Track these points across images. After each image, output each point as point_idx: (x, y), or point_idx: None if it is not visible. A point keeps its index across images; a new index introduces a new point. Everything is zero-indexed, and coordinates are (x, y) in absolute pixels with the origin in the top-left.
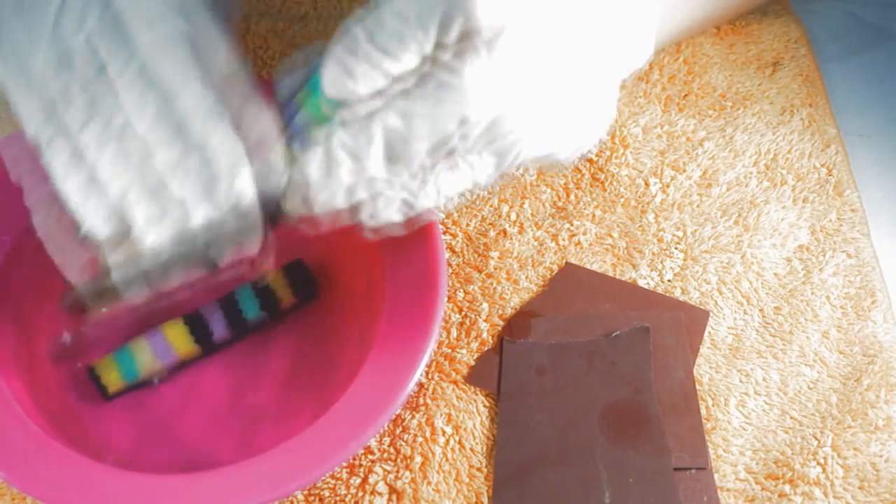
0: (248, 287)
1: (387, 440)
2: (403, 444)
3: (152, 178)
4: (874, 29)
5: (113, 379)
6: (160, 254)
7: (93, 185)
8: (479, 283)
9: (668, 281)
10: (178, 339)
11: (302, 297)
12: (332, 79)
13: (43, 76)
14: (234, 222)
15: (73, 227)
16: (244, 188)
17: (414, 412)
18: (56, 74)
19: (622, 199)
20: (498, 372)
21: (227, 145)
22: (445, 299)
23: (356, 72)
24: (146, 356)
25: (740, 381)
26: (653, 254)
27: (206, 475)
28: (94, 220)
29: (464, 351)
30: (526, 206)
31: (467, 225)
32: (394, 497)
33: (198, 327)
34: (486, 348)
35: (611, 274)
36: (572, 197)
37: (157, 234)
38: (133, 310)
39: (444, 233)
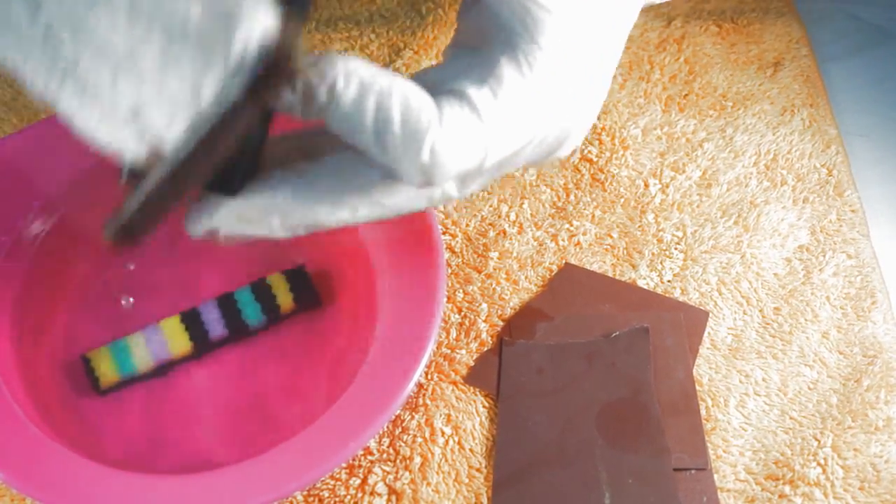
0: (248, 290)
1: (386, 441)
2: (403, 444)
3: (151, 79)
4: (874, 29)
5: (107, 371)
6: (186, 145)
7: (112, 115)
8: (479, 284)
9: (668, 281)
10: (174, 336)
11: (303, 305)
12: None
13: (26, 24)
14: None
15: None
16: (247, 41)
17: (413, 413)
18: (34, 18)
19: (622, 200)
20: (497, 372)
21: (209, 10)
22: (445, 300)
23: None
24: (141, 350)
25: (740, 382)
26: (652, 254)
27: (206, 475)
28: (128, 149)
29: (463, 351)
30: (525, 206)
31: (467, 225)
32: (393, 498)
33: (194, 325)
34: (485, 349)
35: (610, 274)
36: (572, 197)
37: (176, 128)
38: (132, 308)
39: (444, 233)
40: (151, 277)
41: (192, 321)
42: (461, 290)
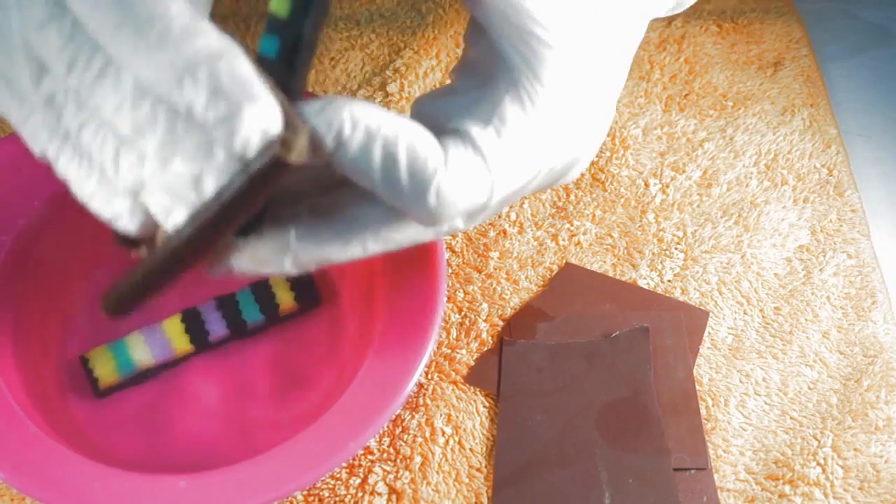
0: (248, 290)
1: (386, 440)
2: (403, 444)
3: (153, 162)
4: (874, 29)
5: (106, 372)
6: (184, 230)
7: (107, 186)
8: (479, 284)
9: (668, 281)
10: (174, 336)
11: (303, 305)
12: None
13: (29, 88)
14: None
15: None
16: (248, 139)
17: (413, 412)
18: (38, 84)
19: (622, 200)
20: (497, 372)
21: (213, 98)
22: (445, 300)
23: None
24: (141, 350)
25: (740, 382)
26: (653, 254)
27: (206, 475)
28: (121, 221)
29: (463, 351)
30: (526, 206)
31: None
32: (393, 497)
33: (194, 325)
34: (485, 349)
35: (611, 274)
36: (572, 197)
37: (177, 217)
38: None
39: None
40: None
41: (193, 321)
42: (461, 290)
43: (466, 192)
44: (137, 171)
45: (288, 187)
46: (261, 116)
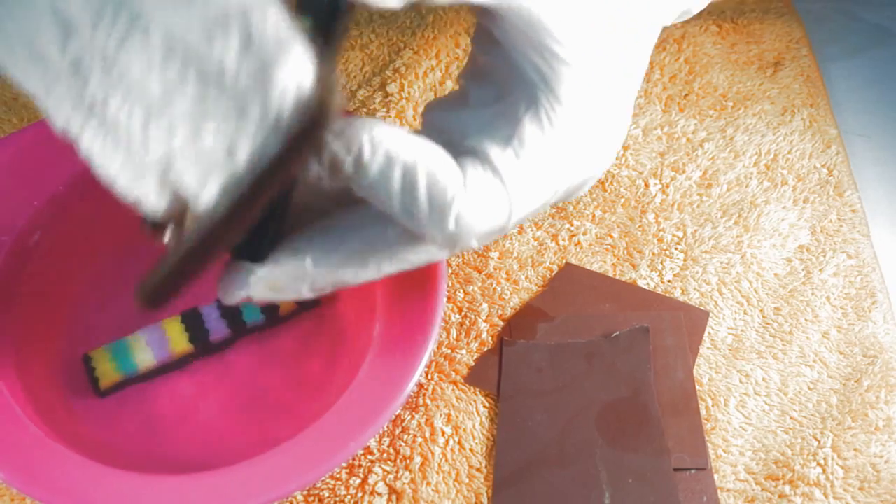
0: None
1: (386, 440)
2: (403, 444)
3: (183, 131)
4: (875, 29)
5: (107, 371)
6: (218, 208)
7: (134, 162)
8: (479, 284)
9: (668, 281)
10: (174, 336)
11: (303, 305)
12: None
13: (54, 54)
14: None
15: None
16: (283, 95)
17: (413, 413)
18: (63, 49)
19: (622, 200)
20: (497, 372)
21: (245, 53)
22: (445, 300)
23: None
24: (142, 350)
25: (740, 382)
26: (653, 254)
27: (206, 475)
28: (149, 200)
29: (463, 351)
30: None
31: None
32: (393, 497)
33: (195, 325)
34: (485, 349)
35: (611, 274)
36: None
37: (209, 191)
38: (131, 304)
39: None
40: None
41: (193, 321)
42: (461, 290)
43: (485, 216)
44: (167, 143)
45: (305, 200)
46: (295, 71)
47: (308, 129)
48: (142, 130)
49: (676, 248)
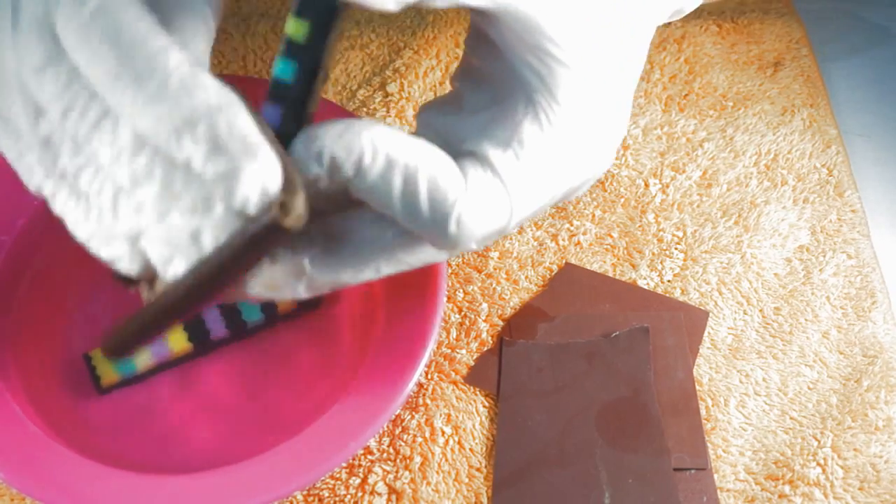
0: None
1: (386, 440)
2: (403, 444)
3: (150, 213)
4: (874, 29)
5: (107, 371)
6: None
7: (104, 229)
8: (479, 284)
9: (668, 281)
10: (174, 336)
11: (303, 305)
12: None
13: (25, 128)
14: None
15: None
16: (247, 197)
17: (413, 412)
18: (35, 125)
19: (622, 200)
20: (497, 372)
21: (212, 154)
22: (445, 300)
23: None
24: (141, 350)
25: (740, 382)
26: (653, 254)
27: (206, 475)
28: (120, 263)
29: (463, 351)
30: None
31: None
32: (393, 497)
33: (195, 325)
34: (485, 349)
35: (611, 274)
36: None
37: (176, 267)
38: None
39: None
40: None
41: (193, 321)
42: (461, 290)
43: (486, 219)
44: (136, 220)
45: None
46: (261, 174)
47: (271, 229)
48: (111, 205)
49: (676, 248)
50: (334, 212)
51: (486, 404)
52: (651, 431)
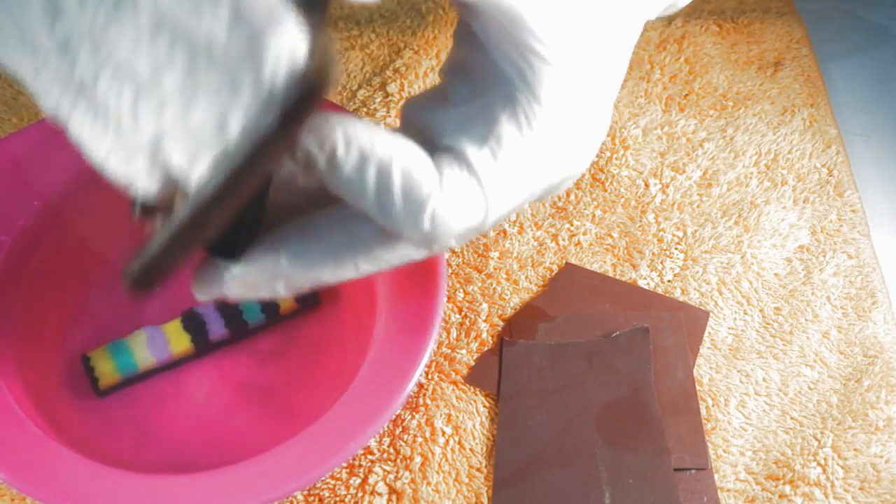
0: None
1: (386, 440)
2: (403, 444)
3: (173, 108)
4: (874, 29)
5: (107, 371)
6: (208, 185)
7: (124, 142)
8: (479, 284)
9: (668, 281)
10: (174, 336)
11: (303, 305)
12: None
13: (42, 35)
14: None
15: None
16: (275, 67)
17: (414, 412)
18: (51, 28)
19: (622, 200)
20: (498, 372)
21: (235, 24)
22: (445, 300)
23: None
24: (142, 350)
25: (740, 382)
26: (653, 254)
27: (206, 475)
28: (140, 181)
29: (463, 351)
30: (526, 206)
31: None
32: (393, 497)
33: (195, 325)
34: (485, 349)
35: (611, 274)
36: (572, 197)
37: (200, 168)
38: (131, 304)
39: None
40: None
41: (193, 321)
42: (461, 290)
43: (461, 215)
44: (157, 122)
45: (280, 200)
46: (287, 40)
47: (303, 99)
48: (131, 110)
49: (676, 248)
50: (313, 209)
51: (487, 404)
52: (651, 431)
